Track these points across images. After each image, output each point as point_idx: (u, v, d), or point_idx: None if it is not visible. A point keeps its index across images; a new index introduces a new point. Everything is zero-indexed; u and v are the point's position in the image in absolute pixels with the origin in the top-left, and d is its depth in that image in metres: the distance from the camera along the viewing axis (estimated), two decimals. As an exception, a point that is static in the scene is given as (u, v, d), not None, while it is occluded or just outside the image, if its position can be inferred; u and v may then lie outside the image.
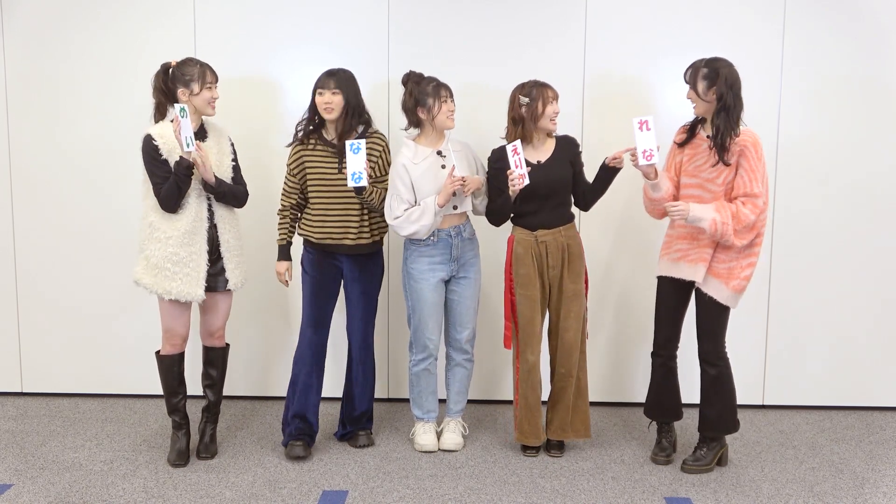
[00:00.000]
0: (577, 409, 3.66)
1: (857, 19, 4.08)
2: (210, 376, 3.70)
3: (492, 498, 3.32)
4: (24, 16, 4.23)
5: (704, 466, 3.53)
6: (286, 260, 3.73)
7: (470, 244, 3.71)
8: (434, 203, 3.50)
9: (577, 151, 3.64)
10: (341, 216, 3.59)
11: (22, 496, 3.32)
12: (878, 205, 4.19)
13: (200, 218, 3.44)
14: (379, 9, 4.16)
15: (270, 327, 4.36)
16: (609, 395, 4.35)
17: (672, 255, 3.49)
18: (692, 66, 3.36)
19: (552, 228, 3.57)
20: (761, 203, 3.28)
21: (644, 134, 3.26)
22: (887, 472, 3.59)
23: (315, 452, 3.73)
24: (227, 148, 3.56)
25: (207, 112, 3.46)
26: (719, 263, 3.38)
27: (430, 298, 3.66)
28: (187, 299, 3.44)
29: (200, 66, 3.44)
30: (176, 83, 3.42)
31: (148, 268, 3.44)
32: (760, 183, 3.29)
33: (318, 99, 3.54)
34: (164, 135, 3.38)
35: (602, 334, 4.28)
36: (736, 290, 3.39)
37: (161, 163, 3.37)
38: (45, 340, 4.44)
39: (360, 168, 3.39)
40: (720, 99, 3.28)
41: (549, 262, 3.58)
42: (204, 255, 3.45)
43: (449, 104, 3.57)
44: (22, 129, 4.30)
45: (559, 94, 3.56)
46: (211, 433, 3.72)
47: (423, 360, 3.75)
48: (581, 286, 3.62)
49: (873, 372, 4.29)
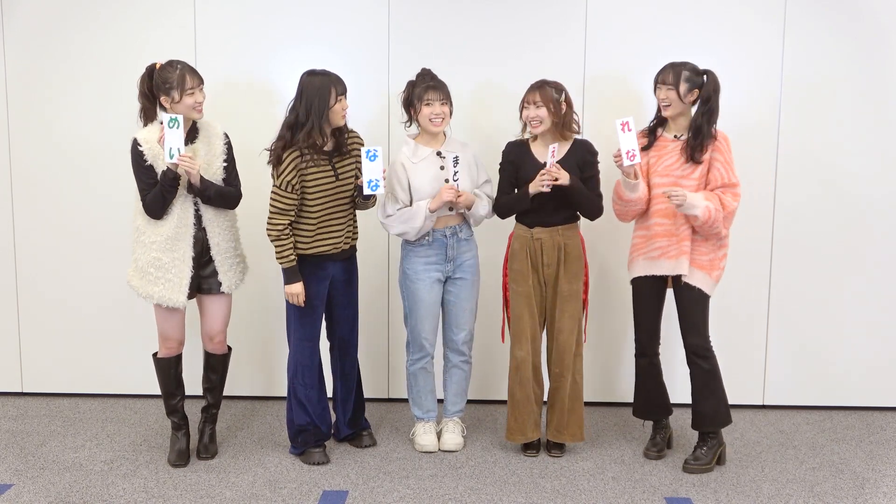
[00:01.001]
0: (572, 411, 3.65)
1: (857, 19, 4.08)
2: (210, 380, 3.69)
3: (492, 498, 3.32)
4: (24, 16, 4.23)
5: (705, 466, 3.53)
6: (299, 281, 3.47)
7: (467, 245, 3.70)
8: (426, 207, 3.51)
9: (588, 158, 3.58)
10: (341, 224, 3.55)
11: (22, 496, 3.32)
12: (879, 205, 4.18)
13: (185, 224, 3.40)
14: (379, 9, 4.16)
15: (270, 327, 4.35)
16: (609, 395, 4.35)
17: (650, 253, 3.53)
18: (671, 67, 3.45)
19: (549, 227, 3.58)
20: (740, 191, 3.46)
21: (626, 135, 3.35)
22: (887, 472, 3.59)
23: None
24: (219, 149, 3.48)
25: (194, 116, 3.39)
26: (701, 256, 3.49)
27: (426, 298, 3.66)
28: (168, 305, 3.41)
29: (181, 71, 3.32)
30: (158, 91, 3.34)
31: (136, 270, 3.45)
32: (735, 174, 3.45)
33: (339, 107, 3.41)
34: (149, 140, 3.34)
35: (602, 334, 4.28)
36: (716, 280, 3.53)
37: (146, 168, 3.33)
38: (45, 340, 4.44)
39: (378, 175, 3.36)
40: (706, 102, 3.40)
41: (545, 259, 3.59)
42: (188, 261, 3.41)
43: (434, 107, 3.53)
44: (22, 129, 4.30)
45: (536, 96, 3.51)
46: (210, 433, 3.71)
47: (419, 359, 3.75)
48: (578, 287, 3.61)
49: (873, 372, 4.29)
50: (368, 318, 4.15)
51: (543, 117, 3.50)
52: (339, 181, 3.50)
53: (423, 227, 3.56)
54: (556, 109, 3.50)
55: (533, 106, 3.51)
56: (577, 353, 3.63)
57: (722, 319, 4.19)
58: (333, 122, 3.44)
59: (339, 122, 3.45)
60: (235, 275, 3.58)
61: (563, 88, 3.55)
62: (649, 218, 3.54)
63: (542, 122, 3.51)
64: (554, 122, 3.52)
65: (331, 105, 3.38)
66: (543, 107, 3.49)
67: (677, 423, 3.92)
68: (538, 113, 3.50)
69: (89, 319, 4.40)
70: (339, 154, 3.52)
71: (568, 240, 3.59)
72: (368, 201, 3.55)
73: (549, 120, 3.51)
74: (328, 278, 3.60)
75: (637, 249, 3.60)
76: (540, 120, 3.51)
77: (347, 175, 3.52)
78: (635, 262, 3.61)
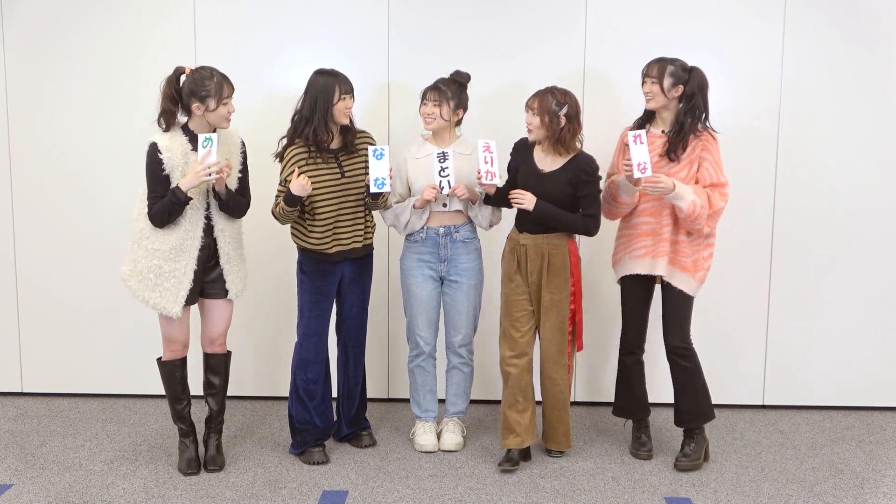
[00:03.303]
0: (559, 420, 3.63)
1: (857, 19, 4.08)
2: (212, 384, 3.60)
3: (492, 498, 3.32)
4: (24, 16, 4.23)
5: (696, 462, 3.55)
6: (296, 195, 3.37)
7: (464, 247, 3.69)
8: (412, 203, 3.58)
9: (583, 177, 3.45)
10: (351, 222, 3.55)
11: (22, 496, 3.32)
12: (879, 205, 4.19)
13: (192, 235, 3.35)
14: (379, 9, 4.16)
15: (271, 327, 4.36)
16: (610, 396, 4.34)
17: (635, 252, 3.54)
18: (658, 61, 3.45)
19: (534, 234, 3.52)
20: (728, 191, 3.45)
21: (639, 147, 3.32)
22: (887, 472, 3.59)
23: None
24: (237, 159, 3.45)
25: (222, 126, 3.35)
26: (684, 257, 3.48)
27: (419, 294, 3.68)
28: (163, 313, 3.38)
29: (218, 79, 3.27)
30: (191, 97, 3.26)
31: (135, 272, 3.38)
32: (724, 174, 3.44)
33: (342, 105, 3.44)
34: (170, 148, 3.28)
35: (601, 334, 4.28)
36: (701, 280, 3.52)
37: (163, 178, 3.27)
38: (45, 340, 4.44)
39: (384, 174, 3.37)
40: (690, 99, 3.40)
41: (529, 266, 3.54)
42: (189, 273, 3.36)
43: (428, 107, 3.58)
44: (22, 129, 4.30)
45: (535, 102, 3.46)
46: (216, 444, 3.61)
47: (416, 356, 3.77)
48: (561, 298, 3.52)
49: (873, 372, 4.29)
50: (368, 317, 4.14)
51: (536, 126, 3.45)
52: (346, 178, 3.51)
53: (411, 223, 3.62)
54: (550, 122, 3.40)
55: (530, 111, 3.46)
56: (560, 363, 3.55)
57: (722, 319, 4.20)
58: (337, 120, 3.46)
59: (342, 120, 3.48)
60: (241, 281, 3.56)
61: (568, 102, 3.42)
62: (635, 217, 3.54)
63: (535, 130, 3.46)
64: (546, 134, 3.44)
65: (334, 103, 3.42)
66: (538, 115, 3.43)
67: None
68: (532, 119, 3.45)
69: (89, 319, 4.40)
70: (347, 153, 3.54)
71: (553, 248, 3.51)
72: (378, 200, 3.56)
73: (542, 131, 3.45)
74: (338, 276, 3.61)
75: (622, 248, 3.60)
76: (533, 127, 3.47)
77: (356, 174, 3.53)
78: (621, 261, 3.61)
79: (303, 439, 3.63)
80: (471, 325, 3.78)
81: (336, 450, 3.77)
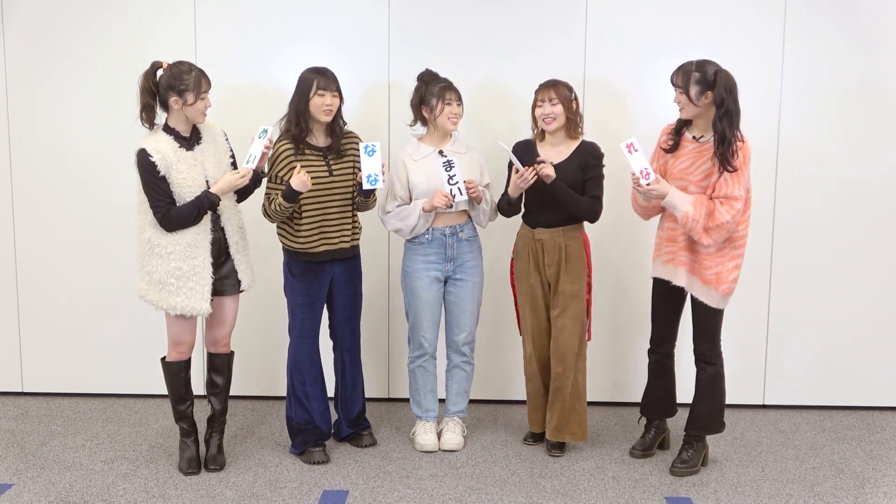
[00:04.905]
0: (574, 411, 3.65)
1: (857, 19, 4.08)
2: (215, 384, 3.59)
3: (492, 498, 3.32)
4: (24, 16, 4.23)
5: (692, 469, 3.53)
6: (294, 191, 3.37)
7: (468, 246, 3.70)
8: (421, 206, 3.54)
9: (591, 161, 3.55)
10: (338, 222, 3.55)
11: (22, 496, 3.32)
12: (879, 205, 4.19)
13: (203, 229, 3.35)
14: (379, 9, 4.16)
15: (271, 327, 4.36)
16: (610, 395, 4.36)
17: (662, 257, 3.51)
18: (682, 69, 3.31)
19: (550, 228, 3.58)
20: (739, 206, 3.23)
21: (635, 156, 3.27)
22: (888, 471, 3.59)
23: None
24: (224, 146, 3.48)
25: (199, 121, 3.34)
26: (706, 270, 3.36)
27: (425, 296, 3.67)
28: (192, 314, 3.35)
29: (196, 74, 3.27)
30: (169, 91, 3.24)
31: (151, 283, 3.33)
32: (742, 188, 3.24)
33: (319, 100, 3.43)
34: (160, 150, 3.25)
35: (603, 334, 4.28)
36: (726, 293, 3.38)
37: (160, 180, 3.24)
38: (45, 340, 4.44)
39: (377, 170, 3.37)
40: (721, 105, 3.22)
41: (546, 260, 3.59)
42: (208, 267, 3.36)
43: (453, 107, 3.58)
44: (22, 129, 4.30)
45: (557, 93, 3.52)
46: (218, 443, 3.61)
47: (418, 357, 3.76)
48: (580, 287, 3.61)
49: (873, 372, 4.29)
50: (368, 317, 4.14)
51: (558, 114, 3.52)
52: (334, 177, 3.50)
53: (418, 226, 3.59)
54: (570, 106, 3.54)
55: (548, 103, 3.52)
56: (580, 354, 3.63)
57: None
58: (314, 115, 3.45)
59: (321, 116, 3.45)
60: (251, 271, 3.57)
61: (573, 88, 3.59)
62: (666, 220, 3.50)
63: (557, 119, 3.52)
64: (569, 118, 3.54)
65: (310, 97, 3.42)
66: (559, 104, 3.51)
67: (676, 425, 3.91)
68: (553, 110, 3.51)
69: (89, 319, 4.40)
70: (336, 154, 3.54)
71: (569, 240, 3.59)
72: (368, 200, 3.55)
73: (564, 117, 3.53)
74: (328, 277, 3.60)
75: (656, 249, 3.56)
76: (554, 117, 3.52)
77: (344, 174, 3.53)
78: (654, 262, 3.58)
79: (303, 439, 3.63)
80: (474, 323, 3.78)
81: (336, 449, 3.77)
